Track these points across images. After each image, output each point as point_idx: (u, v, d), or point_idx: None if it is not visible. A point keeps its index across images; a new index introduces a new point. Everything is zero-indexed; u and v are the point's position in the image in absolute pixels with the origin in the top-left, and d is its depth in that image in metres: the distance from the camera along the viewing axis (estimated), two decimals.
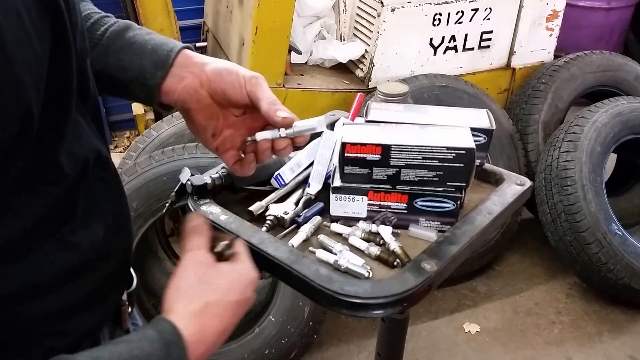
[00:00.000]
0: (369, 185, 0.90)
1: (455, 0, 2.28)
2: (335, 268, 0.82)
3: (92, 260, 0.62)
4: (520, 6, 2.43)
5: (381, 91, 1.21)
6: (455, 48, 2.39)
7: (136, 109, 2.61)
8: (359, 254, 0.85)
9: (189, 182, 0.94)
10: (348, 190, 0.91)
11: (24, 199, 0.52)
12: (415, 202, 0.90)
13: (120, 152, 3.16)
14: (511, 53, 2.53)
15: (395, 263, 0.84)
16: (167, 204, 0.96)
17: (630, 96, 2.43)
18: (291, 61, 2.40)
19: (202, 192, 0.95)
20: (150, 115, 2.58)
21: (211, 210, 0.92)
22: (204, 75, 0.73)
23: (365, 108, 1.03)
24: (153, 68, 0.72)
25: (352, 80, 2.41)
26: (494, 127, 0.98)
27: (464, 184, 0.89)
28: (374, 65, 2.30)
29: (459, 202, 0.89)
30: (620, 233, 2.12)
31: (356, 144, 0.87)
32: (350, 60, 2.43)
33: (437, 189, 0.89)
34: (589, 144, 2.16)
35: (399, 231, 0.91)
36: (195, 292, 0.62)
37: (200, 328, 0.59)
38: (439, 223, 0.91)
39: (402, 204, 0.90)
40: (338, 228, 0.91)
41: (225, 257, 0.70)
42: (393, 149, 0.86)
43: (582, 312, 2.29)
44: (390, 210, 0.91)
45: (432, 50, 2.35)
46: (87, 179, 0.60)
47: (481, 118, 1.00)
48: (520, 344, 2.15)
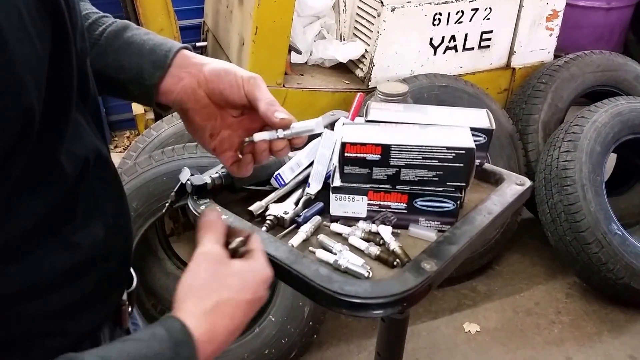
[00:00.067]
0: (368, 185, 0.90)
1: (455, 0, 2.28)
2: (335, 268, 0.82)
3: (93, 260, 0.62)
4: (520, 6, 2.42)
5: (381, 91, 1.21)
6: (455, 48, 2.39)
7: (136, 108, 2.61)
8: (358, 254, 0.85)
9: (188, 182, 0.94)
10: (348, 190, 0.91)
11: (24, 199, 0.52)
12: (415, 202, 0.90)
13: (120, 152, 3.16)
14: (511, 53, 2.53)
15: (395, 263, 0.84)
16: (167, 204, 0.96)
17: (630, 96, 2.43)
18: (291, 61, 2.40)
19: (202, 192, 0.95)
20: (150, 115, 2.57)
21: None
22: (201, 76, 0.72)
23: (365, 108, 1.03)
24: (151, 68, 0.72)
25: (352, 80, 2.41)
26: (494, 127, 0.98)
27: (464, 184, 0.89)
28: (374, 65, 2.30)
29: (458, 202, 0.89)
30: (620, 233, 2.12)
31: (356, 143, 0.87)
32: (350, 60, 2.43)
33: (437, 188, 0.89)
34: (589, 143, 2.16)
35: (398, 231, 0.91)
36: (206, 290, 0.61)
37: (211, 327, 0.59)
38: (439, 223, 0.91)
39: (402, 204, 0.90)
40: (338, 228, 0.91)
41: (240, 254, 0.69)
42: (393, 148, 0.86)
43: (582, 312, 2.29)
44: (390, 210, 0.91)
45: (432, 50, 2.35)
46: (88, 178, 0.60)
47: (481, 118, 1.00)
48: (520, 344, 2.15)
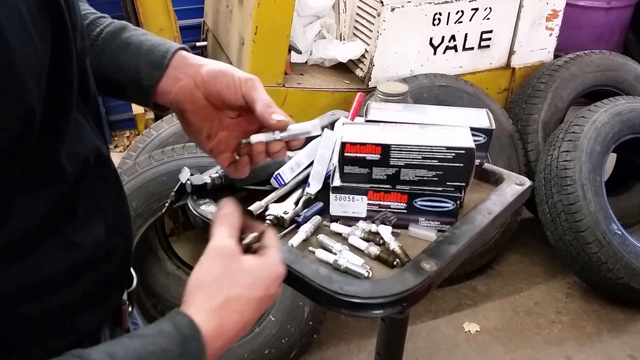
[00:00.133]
0: (368, 185, 0.90)
1: (455, 0, 2.28)
2: (334, 268, 0.82)
3: (93, 260, 0.62)
4: (520, 6, 2.42)
5: (381, 91, 1.21)
6: (455, 48, 2.39)
7: (136, 108, 2.60)
8: (358, 254, 0.85)
9: (188, 182, 0.94)
10: (348, 190, 0.91)
11: (25, 198, 0.52)
12: (415, 202, 0.90)
13: (120, 152, 3.16)
14: (511, 53, 2.53)
15: (395, 263, 0.84)
16: (167, 204, 0.96)
17: (630, 96, 2.43)
18: (291, 61, 2.40)
19: (202, 192, 0.95)
20: (150, 115, 2.57)
21: (211, 210, 0.92)
22: (199, 77, 0.72)
23: (365, 108, 1.03)
24: (149, 69, 0.72)
25: (352, 80, 2.41)
26: (494, 127, 0.98)
27: (464, 184, 0.89)
28: (373, 65, 2.30)
29: (458, 202, 0.89)
30: (619, 232, 2.12)
31: (356, 143, 0.87)
32: (350, 60, 2.43)
33: (437, 188, 0.89)
34: (589, 143, 2.16)
35: (398, 231, 0.91)
36: (217, 286, 0.60)
37: (219, 323, 0.58)
38: (439, 223, 0.91)
39: (402, 204, 0.90)
40: (338, 228, 0.92)
41: (253, 250, 0.68)
42: (393, 148, 0.86)
43: (582, 312, 2.29)
44: (389, 210, 0.91)
45: (432, 50, 2.35)
46: (88, 178, 0.60)
47: (481, 118, 1.00)
48: (520, 344, 2.15)
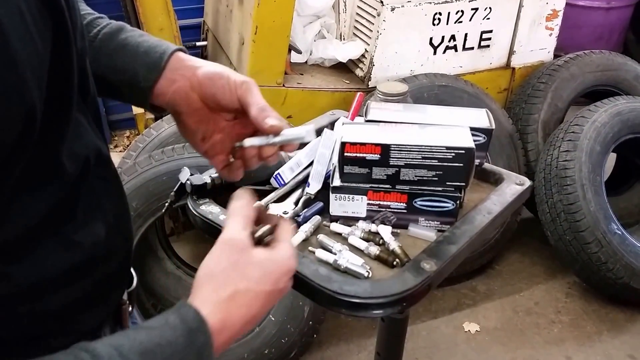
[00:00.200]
0: (368, 185, 0.90)
1: (455, 0, 2.28)
2: (334, 268, 0.82)
3: (94, 260, 0.62)
4: (520, 5, 2.42)
5: (381, 91, 1.21)
6: (455, 47, 2.39)
7: (136, 108, 2.59)
8: (358, 254, 0.85)
9: (188, 182, 0.94)
10: (347, 190, 0.91)
11: (26, 198, 0.52)
12: (415, 202, 0.90)
13: (120, 152, 3.16)
14: (511, 52, 2.53)
15: (394, 263, 0.84)
16: (167, 204, 0.96)
17: (630, 96, 2.43)
18: (291, 60, 2.40)
19: (202, 192, 0.95)
20: (150, 115, 2.56)
21: (211, 210, 0.92)
22: (195, 79, 0.72)
23: (365, 107, 1.03)
24: (146, 71, 0.72)
25: (352, 80, 2.41)
26: (494, 127, 0.98)
27: (464, 184, 0.89)
28: (373, 65, 2.30)
29: (458, 202, 0.89)
30: (619, 232, 2.12)
31: (356, 143, 0.87)
32: (350, 60, 2.43)
33: (437, 188, 0.89)
34: (589, 143, 2.16)
35: (398, 231, 0.91)
36: (225, 279, 0.60)
37: (226, 316, 0.58)
38: (439, 223, 0.91)
39: (402, 204, 0.90)
40: (337, 228, 0.92)
41: (265, 243, 0.67)
42: (392, 148, 0.86)
43: (582, 312, 2.29)
44: (389, 209, 0.91)
45: (432, 50, 2.35)
46: (88, 178, 0.60)
47: (481, 118, 1.00)
48: (519, 343, 2.15)
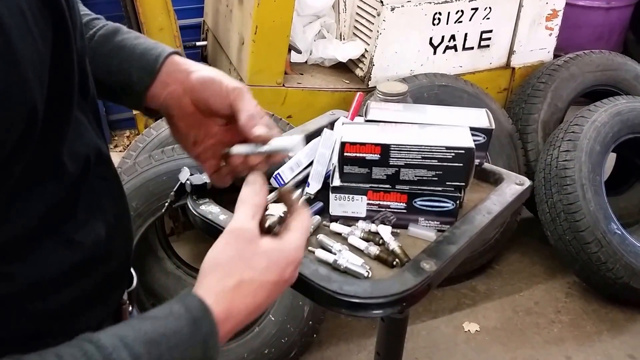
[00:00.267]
0: (368, 185, 0.90)
1: (455, 0, 2.28)
2: (334, 268, 0.82)
3: (94, 259, 0.62)
4: (520, 5, 2.42)
5: (381, 91, 1.21)
6: (455, 47, 2.39)
7: None
8: (358, 254, 0.85)
9: (188, 182, 0.94)
10: (347, 190, 0.91)
11: (26, 197, 0.52)
12: (415, 202, 0.90)
13: (120, 152, 3.16)
14: (511, 52, 2.52)
15: (394, 263, 0.84)
16: (167, 204, 0.96)
17: (630, 95, 2.43)
18: (291, 60, 2.40)
19: (202, 192, 0.95)
20: None
21: (210, 210, 0.92)
22: (188, 83, 0.72)
23: (365, 107, 1.03)
24: (140, 74, 0.72)
25: (352, 80, 2.41)
26: (494, 127, 0.98)
27: (463, 184, 0.89)
28: (373, 65, 2.30)
29: (458, 202, 0.89)
30: (619, 232, 2.12)
31: (355, 143, 0.87)
32: (350, 60, 2.43)
33: (437, 188, 0.89)
34: (589, 143, 2.16)
35: (398, 231, 0.91)
36: (230, 268, 0.60)
37: (230, 305, 0.58)
38: (439, 223, 0.91)
39: (402, 204, 0.90)
40: (337, 227, 0.92)
41: (275, 232, 0.66)
42: (392, 148, 0.86)
43: (582, 311, 2.29)
44: (389, 209, 0.91)
45: (432, 50, 2.35)
46: (89, 177, 0.60)
47: (480, 117, 1.00)
48: (519, 343, 2.15)
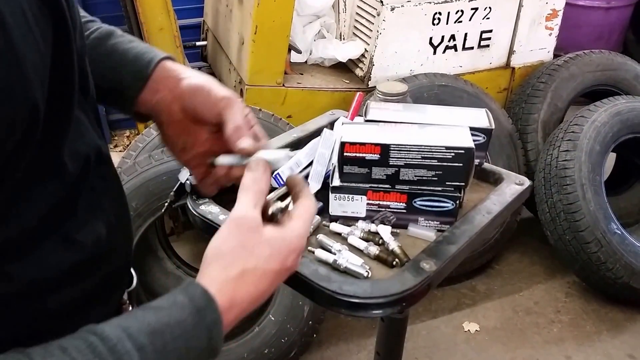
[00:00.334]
0: (368, 185, 0.90)
1: (455, 0, 2.28)
2: (334, 267, 0.82)
3: (95, 259, 0.62)
4: (520, 5, 2.42)
5: (380, 90, 1.21)
6: (454, 47, 2.39)
7: None
8: (358, 254, 0.85)
9: (188, 182, 0.94)
10: (347, 190, 0.91)
11: (27, 197, 0.52)
12: (415, 202, 0.90)
13: (120, 152, 3.16)
14: (511, 52, 2.53)
15: (394, 263, 0.84)
16: (167, 203, 0.96)
17: (630, 95, 2.43)
18: (291, 60, 2.40)
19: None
20: None
21: (210, 210, 0.92)
22: (177, 91, 0.72)
23: (365, 107, 1.03)
24: (131, 79, 0.72)
25: (352, 80, 2.41)
26: (493, 127, 0.98)
27: (463, 184, 0.89)
28: (373, 65, 2.30)
29: (458, 202, 0.89)
30: (619, 232, 2.12)
31: (355, 143, 0.87)
32: (350, 60, 2.43)
33: (436, 188, 0.89)
34: (588, 143, 2.16)
35: (398, 231, 0.91)
36: (233, 257, 0.60)
37: (234, 294, 0.58)
38: (438, 222, 0.91)
39: (401, 204, 0.90)
40: (337, 227, 0.92)
41: (277, 220, 0.66)
42: (392, 148, 0.86)
43: (582, 311, 2.29)
44: (389, 209, 0.91)
45: (432, 50, 2.35)
46: (89, 176, 0.60)
47: (480, 117, 1.00)
48: (519, 343, 2.15)
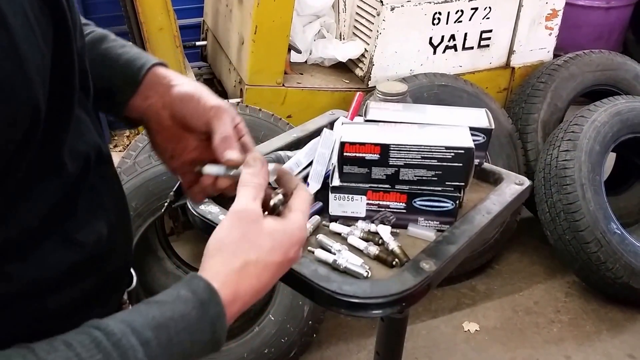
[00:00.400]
0: (367, 185, 0.90)
1: (455, 0, 2.28)
2: (334, 267, 0.82)
3: (95, 259, 0.62)
4: (520, 5, 2.42)
5: (380, 90, 1.21)
6: (454, 47, 2.39)
7: None
8: (357, 254, 0.85)
9: None
10: (347, 190, 0.91)
11: (28, 196, 0.52)
12: (414, 202, 0.90)
13: (120, 151, 3.16)
14: (510, 52, 2.53)
15: (394, 263, 0.84)
16: (166, 203, 0.96)
17: (629, 95, 2.43)
18: (291, 60, 2.40)
19: None
20: None
21: (210, 210, 0.92)
22: (168, 98, 0.71)
23: (365, 107, 1.03)
24: (122, 85, 0.71)
25: (352, 80, 2.41)
26: (493, 127, 0.98)
27: (463, 184, 0.89)
28: (373, 64, 2.29)
29: (457, 202, 0.89)
30: (619, 232, 2.12)
31: (355, 143, 0.87)
32: (349, 59, 2.43)
33: (436, 188, 0.89)
34: (588, 143, 2.16)
35: (397, 231, 0.91)
36: (235, 250, 0.60)
37: (237, 287, 0.58)
38: (438, 222, 0.91)
39: (401, 204, 0.90)
40: (337, 227, 0.92)
41: (279, 212, 0.66)
42: (392, 148, 0.86)
43: (581, 311, 2.29)
44: (389, 209, 0.91)
45: (432, 49, 2.35)
46: (89, 175, 0.60)
47: (480, 117, 1.00)
48: (519, 343, 2.15)
